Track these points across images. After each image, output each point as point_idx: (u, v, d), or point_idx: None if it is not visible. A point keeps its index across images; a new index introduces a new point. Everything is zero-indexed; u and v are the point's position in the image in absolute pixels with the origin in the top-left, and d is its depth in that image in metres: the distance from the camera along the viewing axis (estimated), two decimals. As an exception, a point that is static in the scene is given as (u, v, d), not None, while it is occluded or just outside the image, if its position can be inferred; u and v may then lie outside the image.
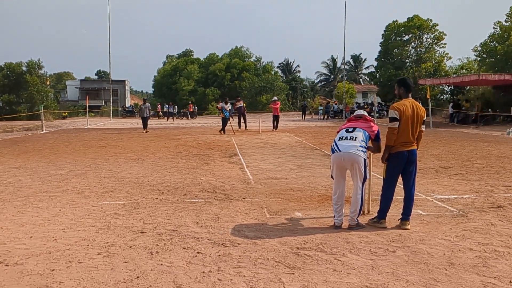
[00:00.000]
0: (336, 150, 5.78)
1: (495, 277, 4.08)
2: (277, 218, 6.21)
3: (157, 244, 5.09)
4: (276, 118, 25.12)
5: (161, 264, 4.47)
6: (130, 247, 5.01)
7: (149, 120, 25.60)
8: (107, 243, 5.16)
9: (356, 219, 5.76)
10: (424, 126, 5.91)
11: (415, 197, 7.45)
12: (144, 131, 23.70)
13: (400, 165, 5.82)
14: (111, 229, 5.72)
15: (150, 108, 26.18)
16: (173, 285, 3.96)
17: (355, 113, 6.35)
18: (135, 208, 6.85)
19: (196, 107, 48.62)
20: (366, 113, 6.28)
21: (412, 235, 5.40)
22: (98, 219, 6.22)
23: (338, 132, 6.03)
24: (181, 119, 43.89)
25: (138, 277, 4.14)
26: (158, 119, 44.22)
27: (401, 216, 5.85)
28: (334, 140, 5.91)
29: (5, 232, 5.63)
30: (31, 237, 5.41)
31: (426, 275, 4.15)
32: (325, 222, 6.01)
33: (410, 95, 5.94)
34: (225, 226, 5.85)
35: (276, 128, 24.82)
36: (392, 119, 5.74)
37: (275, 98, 27.86)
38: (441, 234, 5.41)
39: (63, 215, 6.45)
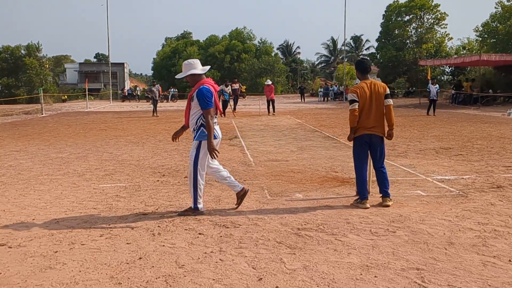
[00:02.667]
0: None
1: (494, 256, 4.12)
2: (278, 200, 6.24)
3: (158, 226, 5.13)
4: (272, 102, 24.56)
5: (163, 245, 4.50)
6: (132, 228, 5.05)
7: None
8: (109, 225, 5.19)
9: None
10: (390, 100, 5.94)
11: (415, 178, 7.52)
12: (155, 115, 22.81)
13: (363, 147, 5.93)
14: (113, 211, 5.75)
15: (160, 90, 25.29)
16: (176, 265, 3.99)
17: None
18: (136, 191, 6.87)
19: (175, 90, 47.83)
20: None
21: (412, 215, 5.43)
22: (100, 202, 6.25)
23: None
24: (162, 101, 43.00)
25: (140, 258, 4.18)
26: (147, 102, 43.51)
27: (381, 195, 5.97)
28: None
29: (8, 215, 5.66)
30: (34, 219, 5.44)
31: (426, 255, 4.18)
32: (326, 203, 6.04)
33: (368, 76, 6.00)
34: (226, 207, 5.88)
35: (274, 111, 24.47)
36: (351, 102, 5.87)
37: (268, 81, 27.16)
38: (441, 214, 5.44)
39: (65, 198, 6.48)
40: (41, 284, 3.63)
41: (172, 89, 46.09)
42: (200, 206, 5.59)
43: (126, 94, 47.61)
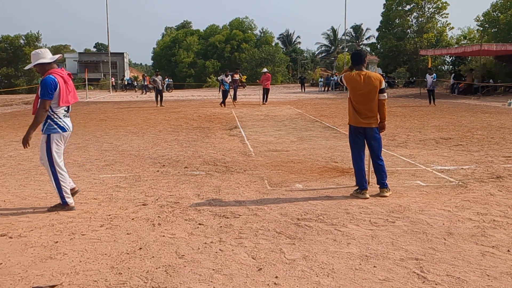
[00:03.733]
0: None
1: (493, 247, 4.13)
2: (277, 190, 6.25)
3: (159, 216, 5.14)
4: (266, 91, 24.53)
5: (163, 236, 4.52)
6: (132, 219, 5.06)
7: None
8: (109, 215, 5.21)
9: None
10: (385, 94, 5.96)
11: (414, 168, 7.53)
12: (160, 105, 22.55)
13: (358, 139, 5.99)
14: (113, 202, 5.76)
15: (162, 80, 24.84)
16: (176, 256, 4.01)
17: None
18: (137, 181, 6.88)
19: (171, 80, 47.10)
20: None
21: (411, 205, 5.44)
22: (100, 192, 6.26)
23: None
24: (169, 91, 42.43)
25: (140, 248, 4.20)
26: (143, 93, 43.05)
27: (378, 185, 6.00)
28: None
29: (8, 205, 5.67)
30: (34, 210, 5.46)
31: (425, 245, 4.20)
32: (326, 193, 6.05)
33: (362, 67, 5.99)
34: (226, 198, 5.89)
35: (266, 101, 24.40)
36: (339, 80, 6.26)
37: (265, 69, 27.00)
38: (440, 205, 5.45)
39: (65, 188, 6.48)
40: (41, 274, 3.65)
41: (167, 79, 45.90)
42: (69, 200, 5.40)
43: (126, 84, 47.32)
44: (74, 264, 3.85)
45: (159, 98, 23.11)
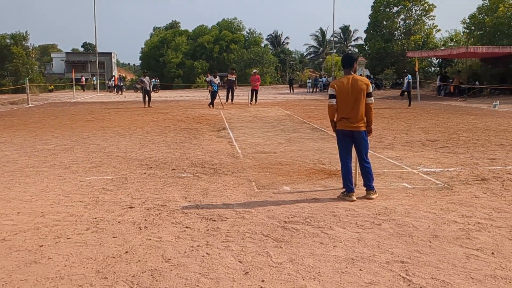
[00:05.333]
0: None
1: (477, 249, 4.18)
2: (265, 192, 6.26)
3: (145, 219, 5.11)
4: (255, 92, 24.77)
5: (150, 239, 4.50)
6: (119, 222, 5.03)
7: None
8: (95, 218, 5.17)
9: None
10: (372, 98, 5.98)
11: (401, 170, 7.59)
12: (147, 106, 22.40)
13: (346, 142, 6.04)
14: (99, 204, 5.72)
15: (150, 81, 24.49)
16: (162, 259, 4.00)
17: None
18: (123, 183, 6.84)
19: (158, 80, 46.91)
20: None
21: (397, 208, 5.48)
22: (86, 194, 6.21)
23: None
24: (156, 92, 42.13)
25: (127, 252, 4.17)
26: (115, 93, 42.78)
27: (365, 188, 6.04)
28: None
29: (-8, 208, 5.60)
30: (19, 213, 5.40)
31: (411, 248, 4.23)
32: (313, 195, 6.07)
33: (350, 71, 6.01)
34: (213, 200, 5.88)
35: (256, 101, 24.59)
36: (330, 96, 6.02)
37: (255, 70, 27.32)
38: (426, 207, 5.50)
39: (51, 191, 6.43)
40: (26, 279, 3.61)
41: (154, 80, 45.75)
42: None
43: (117, 84, 46.73)
44: (59, 268, 3.81)
45: (146, 99, 22.98)
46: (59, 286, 3.48)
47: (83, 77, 48.43)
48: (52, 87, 50.18)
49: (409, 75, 22.61)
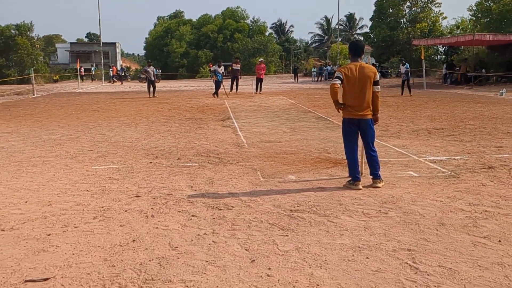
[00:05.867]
0: None
1: (484, 237, 4.17)
2: (270, 181, 6.26)
3: (152, 208, 5.14)
4: (260, 81, 24.87)
5: (157, 228, 4.52)
6: (126, 211, 5.05)
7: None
8: (102, 207, 5.20)
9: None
10: (378, 87, 5.93)
11: (407, 159, 7.57)
12: (152, 96, 22.34)
13: (352, 131, 5.97)
14: (106, 193, 5.75)
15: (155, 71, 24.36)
16: (169, 247, 4.01)
17: None
18: (130, 173, 6.86)
19: (159, 70, 46.89)
20: None
21: (404, 196, 5.47)
22: (93, 184, 6.24)
23: None
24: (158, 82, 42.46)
25: (134, 240, 4.19)
26: (113, 83, 42.99)
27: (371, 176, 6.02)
28: None
29: (0, 197, 5.64)
30: (26, 202, 5.43)
31: (418, 236, 4.23)
32: (318, 184, 6.06)
33: (359, 59, 5.97)
34: (219, 189, 5.89)
35: (260, 91, 24.62)
36: (335, 77, 5.86)
37: (261, 59, 27.45)
38: (432, 195, 5.49)
39: (58, 180, 6.46)
40: (34, 267, 3.64)
41: (155, 70, 45.73)
42: None
43: (116, 73, 46.60)
44: (67, 256, 3.84)
45: (151, 89, 22.98)
46: (68, 274, 3.50)
47: (82, 68, 48.52)
48: (57, 77, 50.22)
49: (407, 63, 22.36)
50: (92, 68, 47.34)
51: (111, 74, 45.32)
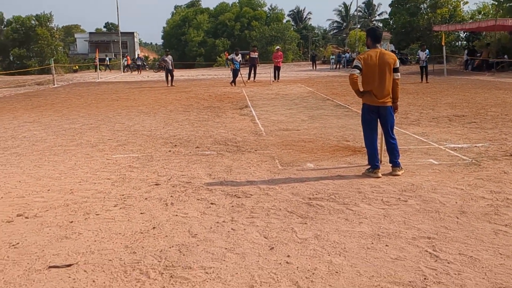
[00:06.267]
0: None
1: (506, 225, 4.11)
2: (289, 170, 6.26)
3: (171, 196, 5.19)
4: (278, 69, 24.85)
5: (176, 215, 4.57)
6: (146, 198, 5.11)
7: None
8: (123, 195, 5.27)
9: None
10: (398, 74, 5.87)
11: (427, 146, 7.48)
12: (170, 85, 22.48)
13: (371, 118, 5.91)
14: (126, 182, 5.82)
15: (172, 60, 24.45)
16: (189, 234, 4.06)
17: None
18: (149, 161, 6.93)
19: (138, 59, 46.82)
20: None
21: (424, 184, 5.42)
22: (113, 172, 6.32)
23: None
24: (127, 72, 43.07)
25: (154, 227, 4.25)
26: (131, 72, 43.23)
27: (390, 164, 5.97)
28: None
29: (23, 185, 5.76)
30: (49, 190, 5.53)
31: (438, 224, 4.19)
32: (337, 172, 6.04)
33: (378, 45, 5.90)
34: (237, 177, 5.91)
35: (278, 79, 24.56)
36: (353, 67, 5.82)
37: (277, 47, 27.39)
38: (453, 183, 5.42)
39: (79, 168, 6.56)
40: (57, 254, 3.71)
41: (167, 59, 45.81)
42: None
43: (130, 63, 46.43)
44: (89, 243, 3.91)
45: (169, 78, 23.07)
46: (90, 260, 3.57)
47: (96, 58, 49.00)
48: (77, 67, 50.75)
49: (427, 49, 21.97)
50: (107, 58, 47.66)
51: (125, 64, 45.66)
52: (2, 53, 56.43)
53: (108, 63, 49.15)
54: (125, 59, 46.82)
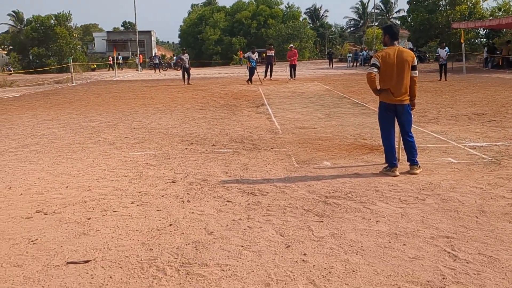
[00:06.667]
0: None
1: (527, 225, 4.04)
2: (305, 168, 6.23)
3: (188, 193, 5.20)
4: (294, 67, 24.82)
5: (193, 213, 4.58)
6: (162, 196, 5.14)
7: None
8: (140, 192, 5.30)
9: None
10: (416, 71, 5.81)
11: (446, 145, 7.39)
12: (187, 83, 22.58)
13: (389, 116, 5.86)
14: (143, 179, 5.86)
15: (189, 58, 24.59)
16: (205, 232, 4.06)
17: None
18: (166, 159, 6.97)
19: (158, 57, 47.03)
20: None
21: (442, 183, 5.35)
22: (130, 169, 6.37)
23: None
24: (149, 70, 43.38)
25: (170, 224, 4.27)
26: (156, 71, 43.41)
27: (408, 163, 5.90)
28: None
29: (42, 182, 5.83)
30: (67, 187, 5.60)
31: (457, 223, 4.13)
32: (354, 171, 6.00)
33: (396, 42, 5.83)
34: (253, 175, 5.91)
35: (294, 77, 24.53)
36: (371, 65, 5.80)
37: (291, 45, 27.36)
38: (472, 182, 5.34)
39: (97, 166, 6.62)
40: (75, 250, 3.75)
41: (175, 57, 46.20)
42: None
43: (157, 62, 47.03)
44: (107, 240, 3.94)
45: (186, 76, 23.18)
46: (107, 257, 3.60)
47: (110, 57, 49.49)
48: (95, 66, 51.29)
49: (447, 47, 21.71)
50: (120, 57, 48.18)
51: (137, 62, 46.10)
52: (22, 52, 57.33)
53: (121, 61, 49.69)
54: (137, 57, 47.22)
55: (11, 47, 60.18)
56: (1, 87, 28.55)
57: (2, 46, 63.06)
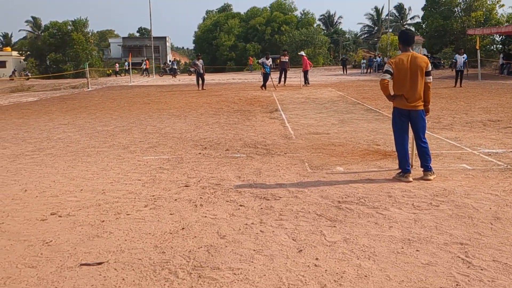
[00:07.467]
0: None
1: (543, 232, 3.98)
2: (318, 173, 6.22)
3: (201, 197, 5.23)
4: (304, 73, 24.86)
5: (205, 216, 4.60)
6: (175, 200, 5.17)
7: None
8: (153, 196, 5.34)
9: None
10: (431, 77, 5.78)
11: (460, 151, 7.32)
12: (201, 89, 22.70)
13: (402, 122, 5.84)
14: (156, 183, 5.90)
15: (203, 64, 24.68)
16: (217, 236, 4.08)
17: None
18: (179, 163, 7.01)
19: (173, 63, 47.20)
20: None
21: (456, 189, 5.30)
22: (144, 173, 6.42)
23: None
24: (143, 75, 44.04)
25: (183, 228, 4.29)
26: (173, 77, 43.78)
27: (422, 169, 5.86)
28: None
29: (57, 185, 5.91)
30: (82, 190, 5.66)
31: (471, 229, 4.09)
32: (367, 176, 5.97)
33: (410, 48, 5.82)
34: (266, 180, 5.91)
35: (308, 83, 24.60)
36: (384, 72, 5.80)
37: (302, 52, 27.53)
38: (487, 189, 5.29)
39: (111, 169, 6.69)
40: (89, 252, 3.79)
41: (172, 62, 46.59)
42: None
43: (169, 68, 47.52)
44: (120, 242, 3.98)
45: (200, 82, 23.30)
46: (120, 259, 3.63)
47: (117, 64, 50.04)
48: (110, 71, 51.79)
49: (465, 54, 21.57)
50: (126, 63, 48.74)
51: (144, 68, 46.60)
52: (40, 57, 58.11)
53: (127, 68, 50.25)
54: (144, 63, 47.59)
55: (28, 52, 61.04)
56: (18, 91, 29.01)
57: (20, 52, 64.00)
